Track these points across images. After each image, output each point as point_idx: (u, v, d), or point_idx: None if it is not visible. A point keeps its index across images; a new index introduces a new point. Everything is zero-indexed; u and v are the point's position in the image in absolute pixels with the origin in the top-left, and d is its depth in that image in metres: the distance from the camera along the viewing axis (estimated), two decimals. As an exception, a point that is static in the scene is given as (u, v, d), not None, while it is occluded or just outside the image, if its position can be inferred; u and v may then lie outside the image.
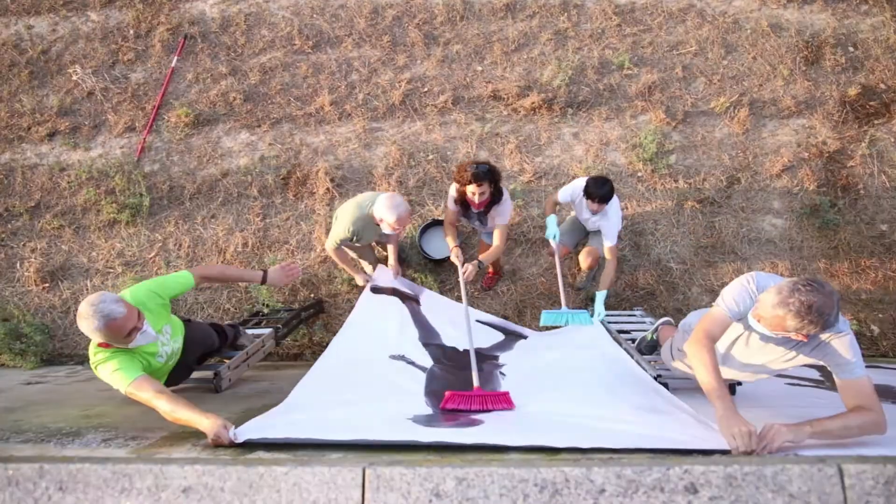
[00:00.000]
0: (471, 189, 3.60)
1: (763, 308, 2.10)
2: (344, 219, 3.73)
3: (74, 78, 5.55)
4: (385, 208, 3.51)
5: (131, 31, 5.79)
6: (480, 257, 3.92)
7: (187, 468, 1.88)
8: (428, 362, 3.35)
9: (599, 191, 3.74)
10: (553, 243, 4.13)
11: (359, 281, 4.23)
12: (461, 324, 3.62)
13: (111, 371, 2.56)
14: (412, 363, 3.31)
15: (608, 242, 3.96)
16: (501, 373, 3.32)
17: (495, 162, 5.06)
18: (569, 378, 3.10)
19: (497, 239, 3.89)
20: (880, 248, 4.73)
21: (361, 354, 3.38)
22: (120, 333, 2.48)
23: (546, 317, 3.98)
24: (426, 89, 5.37)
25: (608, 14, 5.54)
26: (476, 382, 2.99)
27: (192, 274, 3.03)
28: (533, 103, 5.15)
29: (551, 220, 4.11)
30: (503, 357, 3.62)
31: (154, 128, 5.39)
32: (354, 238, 3.77)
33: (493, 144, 5.13)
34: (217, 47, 5.67)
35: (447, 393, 2.78)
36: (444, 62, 5.46)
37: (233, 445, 2.19)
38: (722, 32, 5.43)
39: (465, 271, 3.77)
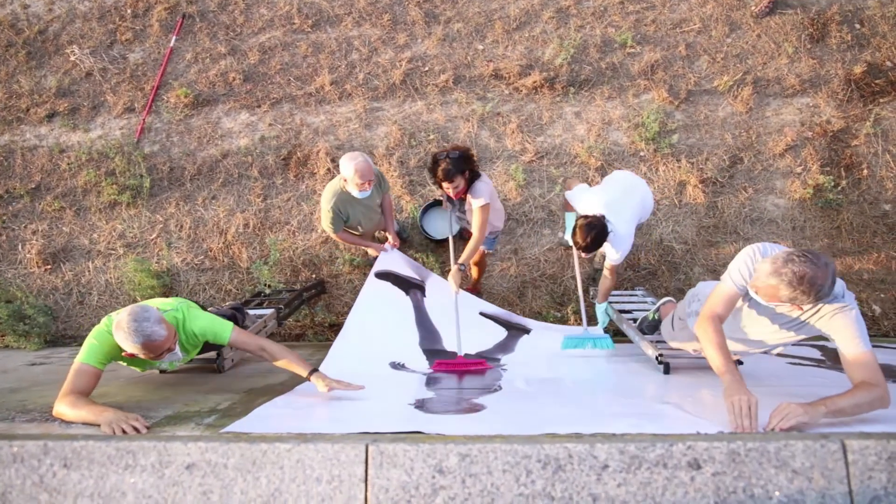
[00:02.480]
0: (444, 185, 3.50)
1: (758, 278, 2.13)
2: (324, 203, 3.69)
3: (72, 58, 5.50)
4: (344, 164, 3.45)
5: (129, 11, 5.73)
6: (460, 259, 3.64)
7: (191, 445, 1.89)
8: (428, 370, 3.37)
9: (583, 241, 3.29)
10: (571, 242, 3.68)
11: (371, 252, 4.21)
12: (463, 319, 3.65)
13: (90, 338, 2.53)
14: (413, 372, 3.33)
15: (609, 260, 3.57)
16: (503, 368, 3.34)
17: (496, 142, 5.03)
18: (568, 385, 3.09)
19: (474, 226, 3.62)
20: (883, 228, 4.71)
21: (362, 362, 3.41)
22: (153, 353, 2.44)
23: (567, 342, 3.64)
24: (427, 68, 5.32)
25: (611, -9, 5.48)
26: (460, 352, 3.45)
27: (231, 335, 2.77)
28: (535, 82, 5.10)
29: (570, 219, 3.69)
30: (504, 359, 3.62)
31: (153, 108, 5.35)
32: (345, 219, 3.75)
33: (495, 124, 5.09)
34: (216, 27, 5.61)
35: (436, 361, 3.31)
36: (445, 41, 5.40)
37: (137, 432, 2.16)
38: (726, 10, 5.36)
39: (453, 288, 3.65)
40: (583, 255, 3.40)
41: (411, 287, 4.06)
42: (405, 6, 5.56)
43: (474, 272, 4.42)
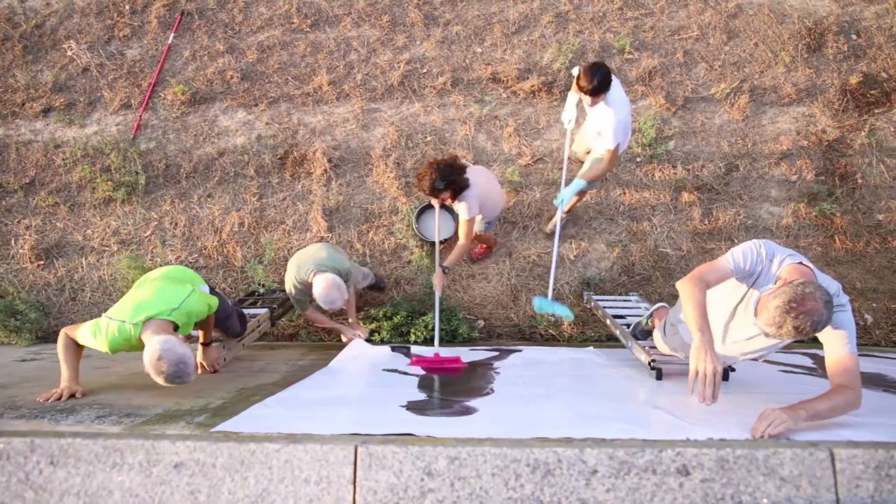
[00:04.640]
0: (432, 199, 3.72)
1: (766, 316, 2.03)
2: (288, 277, 3.75)
3: (69, 53, 5.48)
4: (318, 291, 3.50)
5: (127, 7, 5.71)
6: (445, 263, 3.87)
7: (179, 444, 1.88)
8: (421, 373, 3.39)
9: (590, 83, 3.32)
10: (567, 127, 3.91)
11: (343, 338, 4.12)
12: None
13: (102, 341, 2.70)
14: (405, 374, 3.33)
15: (604, 143, 3.59)
16: (496, 371, 3.35)
17: (493, 145, 5.03)
18: (561, 389, 3.09)
19: (460, 234, 3.78)
20: (876, 237, 4.73)
21: (355, 368, 3.47)
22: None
23: (541, 304, 3.99)
24: (425, 70, 5.32)
25: (610, -3, 5.49)
26: (436, 344, 3.89)
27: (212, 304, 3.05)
28: (532, 86, 5.11)
29: (571, 99, 3.84)
30: (497, 364, 3.63)
31: (150, 105, 5.33)
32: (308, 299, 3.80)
33: (492, 127, 5.10)
34: (214, 24, 5.61)
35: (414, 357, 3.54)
36: (444, 43, 5.41)
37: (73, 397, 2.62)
38: (724, 18, 5.38)
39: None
40: (589, 100, 3.44)
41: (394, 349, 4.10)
42: (405, 8, 5.56)
43: (481, 247, 4.73)
